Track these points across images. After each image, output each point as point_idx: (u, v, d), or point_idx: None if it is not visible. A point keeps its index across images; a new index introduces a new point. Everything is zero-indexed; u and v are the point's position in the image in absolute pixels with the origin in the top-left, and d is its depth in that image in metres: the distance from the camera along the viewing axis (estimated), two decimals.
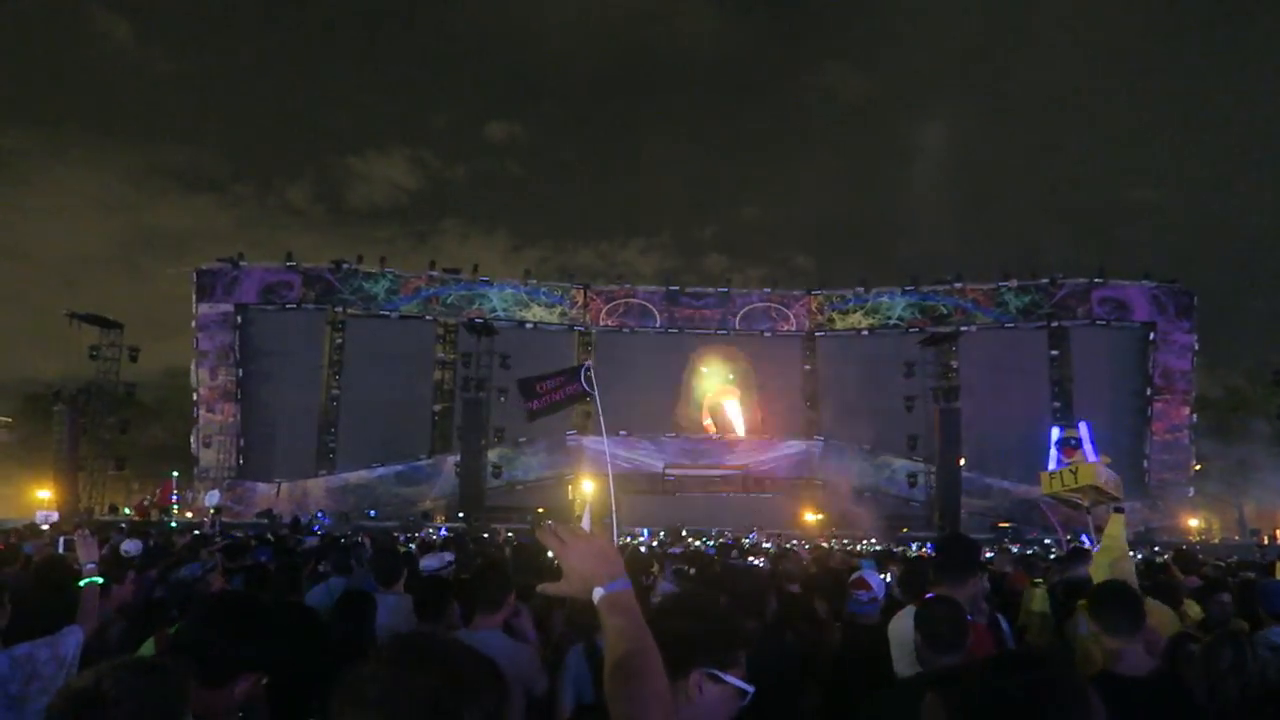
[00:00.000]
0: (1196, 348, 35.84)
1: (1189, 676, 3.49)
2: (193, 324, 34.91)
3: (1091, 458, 8.94)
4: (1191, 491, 34.16)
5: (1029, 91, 75.82)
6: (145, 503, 30.72)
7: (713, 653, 1.86)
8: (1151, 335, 35.92)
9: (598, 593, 1.69)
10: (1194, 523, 33.29)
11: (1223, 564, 11.84)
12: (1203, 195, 69.63)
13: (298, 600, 5.42)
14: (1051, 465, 9.11)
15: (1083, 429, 8.99)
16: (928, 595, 3.78)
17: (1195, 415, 35.80)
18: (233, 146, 79.36)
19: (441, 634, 3.97)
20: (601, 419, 14.51)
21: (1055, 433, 9.00)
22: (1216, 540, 31.70)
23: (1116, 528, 6.01)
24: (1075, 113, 75.27)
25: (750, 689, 1.85)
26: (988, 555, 12.68)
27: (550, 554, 1.80)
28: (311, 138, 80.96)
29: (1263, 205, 65.01)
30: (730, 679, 1.84)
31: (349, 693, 1.20)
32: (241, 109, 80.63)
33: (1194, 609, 5.77)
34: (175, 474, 31.20)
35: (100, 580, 3.96)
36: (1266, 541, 30.69)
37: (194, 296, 35.01)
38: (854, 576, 5.00)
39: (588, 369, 13.58)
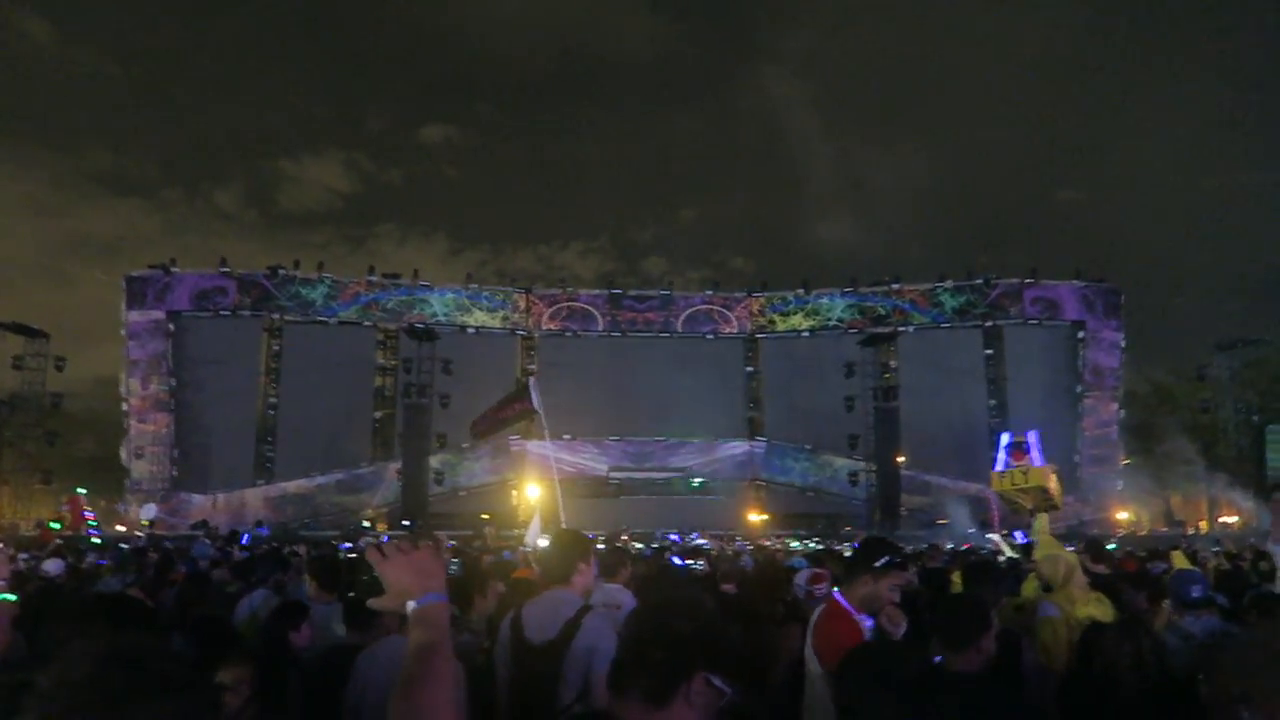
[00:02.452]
0: (1124, 345, 36.95)
1: (1096, 667, 3.62)
2: (122, 332, 33.97)
3: (1038, 463, 9.26)
4: (1120, 485, 35.17)
5: (961, 95, 77.51)
6: (46, 523, 28.46)
7: (713, 658, 1.87)
8: (1081, 333, 36.92)
9: (410, 605, 1.70)
10: (1123, 515, 34.28)
11: (1142, 554, 12.24)
12: (1128, 195, 71.85)
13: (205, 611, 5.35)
14: (999, 466, 9.42)
15: (1031, 437, 9.32)
16: (833, 591, 3.90)
17: (1123, 411, 36.91)
18: (160, 150, 77.39)
19: (361, 643, 3.95)
20: (545, 424, 14.54)
21: (1005, 437, 9.32)
22: (1144, 532, 32.70)
23: (1042, 523, 6.25)
24: (1005, 115, 77.11)
25: (730, 691, 1.87)
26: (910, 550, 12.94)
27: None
28: (241, 140, 79.29)
29: (1185, 205, 67.28)
30: (718, 683, 1.85)
31: (33, 685, 1.20)
32: (168, 111, 78.58)
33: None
34: (83, 491, 29.56)
35: (13, 598, 3.85)
36: (1191, 532, 31.79)
37: (124, 303, 34.08)
38: (812, 572, 5.09)
39: (531, 382, 13.63)
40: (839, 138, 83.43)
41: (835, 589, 3.90)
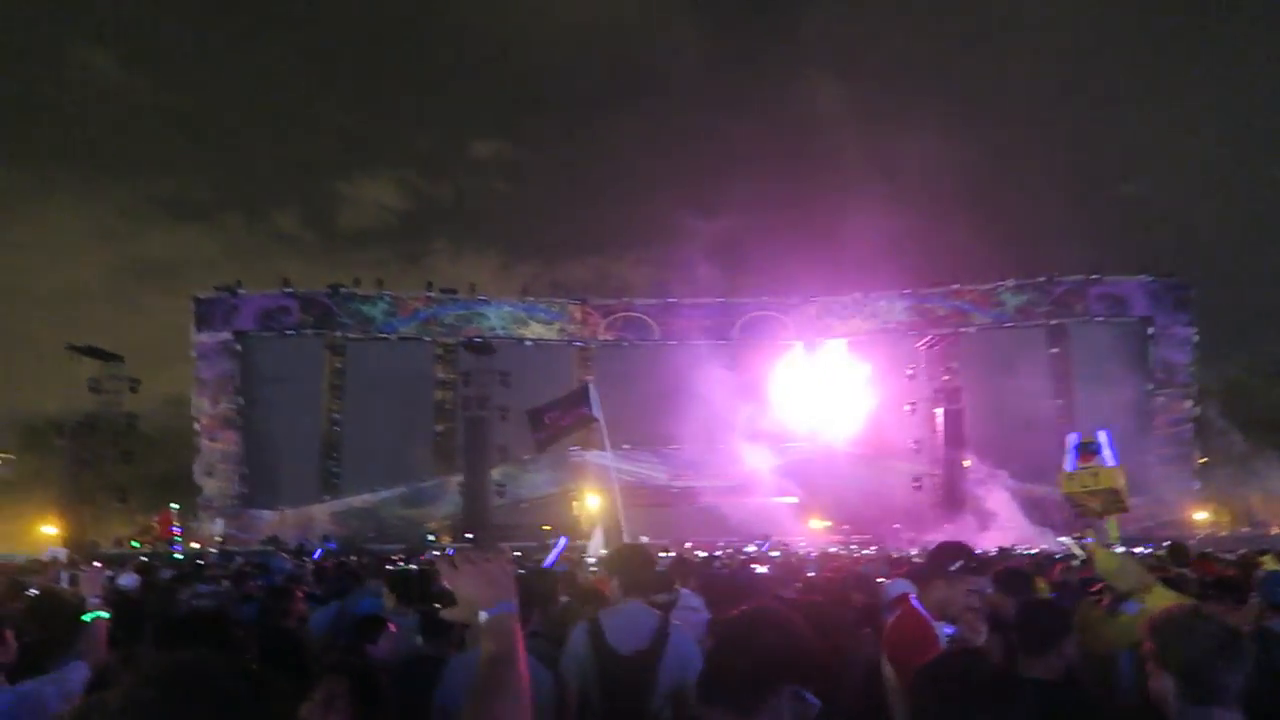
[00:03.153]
0: (1195, 340, 35.84)
1: None
2: (192, 353, 34.95)
3: (1111, 463, 8.98)
4: (1197, 485, 34.08)
5: (1019, 87, 76.04)
6: (147, 535, 30.27)
7: (801, 670, 1.86)
8: (1150, 330, 35.93)
9: (482, 616, 1.71)
10: (1200, 516, 33.19)
11: (1233, 556, 11.82)
12: (1194, 187, 69.79)
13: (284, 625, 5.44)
14: (1069, 467, 9.15)
15: (1102, 437, 9.04)
16: (908, 596, 3.81)
17: (1197, 408, 35.77)
18: (218, 174, 79.56)
19: (439, 653, 3.97)
20: (605, 431, 14.55)
21: (1073, 438, 9.05)
22: (1225, 533, 31.61)
23: (1113, 527, 6.06)
24: (1066, 108, 75.53)
25: (817, 704, 1.85)
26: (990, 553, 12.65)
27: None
28: (296, 163, 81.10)
29: (1254, 195, 65.16)
30: (810, 697, 1.84)
31: (95, 704, 1.20)
32: (225, 137, 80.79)
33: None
34: (176, 506, 31.01)
35: (106, 615, 3.95)
36: (1275, 532, 30.64)
37: (193, 325, 35.06)
38: (901, 591, 4.96)
39: (590, 387, 13.66)
40: (889, 137, 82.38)
41: (911, 595, 3.81)
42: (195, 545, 30.84)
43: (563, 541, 3.16)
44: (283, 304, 36.05)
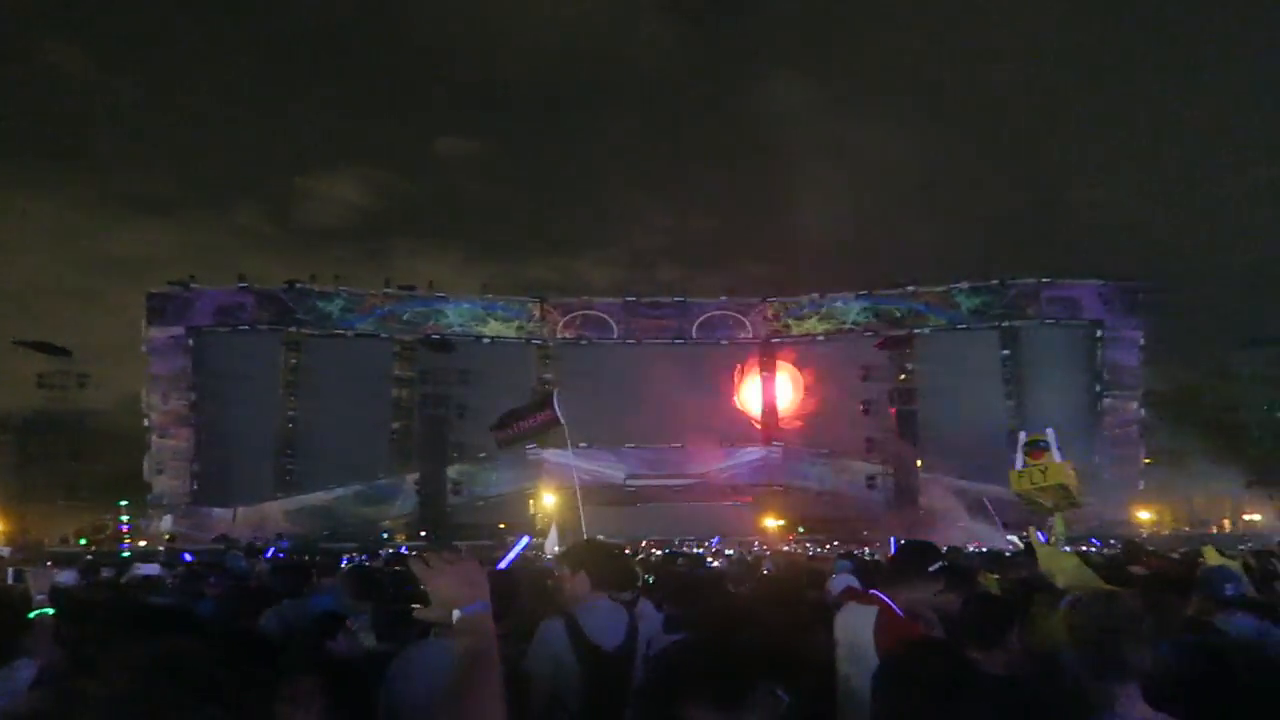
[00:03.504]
0: (1143, 343, 36.65)
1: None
2: (144, 348, 34.28)
3: (1058, 460, 9.15)
4: (1142, 484, 34.88)
5: (974, 93, 77.24)
6: (99, 534, 29.84)
7: (781, 668, 1.91)
8: (1100, 332, 36.67)
9: (456, 614, 1.74)
10: (1145, 515, 33.98)
11: (1174, 554, 12.14)
12: (1144, 193, 71.40)
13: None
14: (1018, 465, 9.29)
15: (1050, 434, 9.19)
16: (873, 592, 3.87)
17: (1144, 410, 36.59)
18: (178, 168, 77.93)
19: (392, 651, 3.97)
20: (567, 435, 14.54)
21: (1022, 436, 9.19)
22: (1167, 531, 32.40)
23: (1060, 525, 6.26)
24: (1020, 114, 76.77)
25: (786, 698, 1.89)
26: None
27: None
28: (258, 158, 79.79)
29: (1203, 202, 66.83)
30: (780, 693, 1.88)
31: (90, 694, 1.22)
32: (186, 130, 79.29)
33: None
34: (123, 503, 30.39)
35: (51, 611, 3.91)
36: (1215, 531, 31.48)
37: (145, 320, 34.40)
38: (845, 585, 5.01)
39: (555, 394, 13.66)
40: (850, 139, 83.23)
41: (875, 590, 3.88)
42: (143, 544, 30.30)
43: (523, 541, 3.15)
44: (239, 300, 35.50)
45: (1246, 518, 33.42)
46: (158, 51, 78.62)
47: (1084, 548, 19.60)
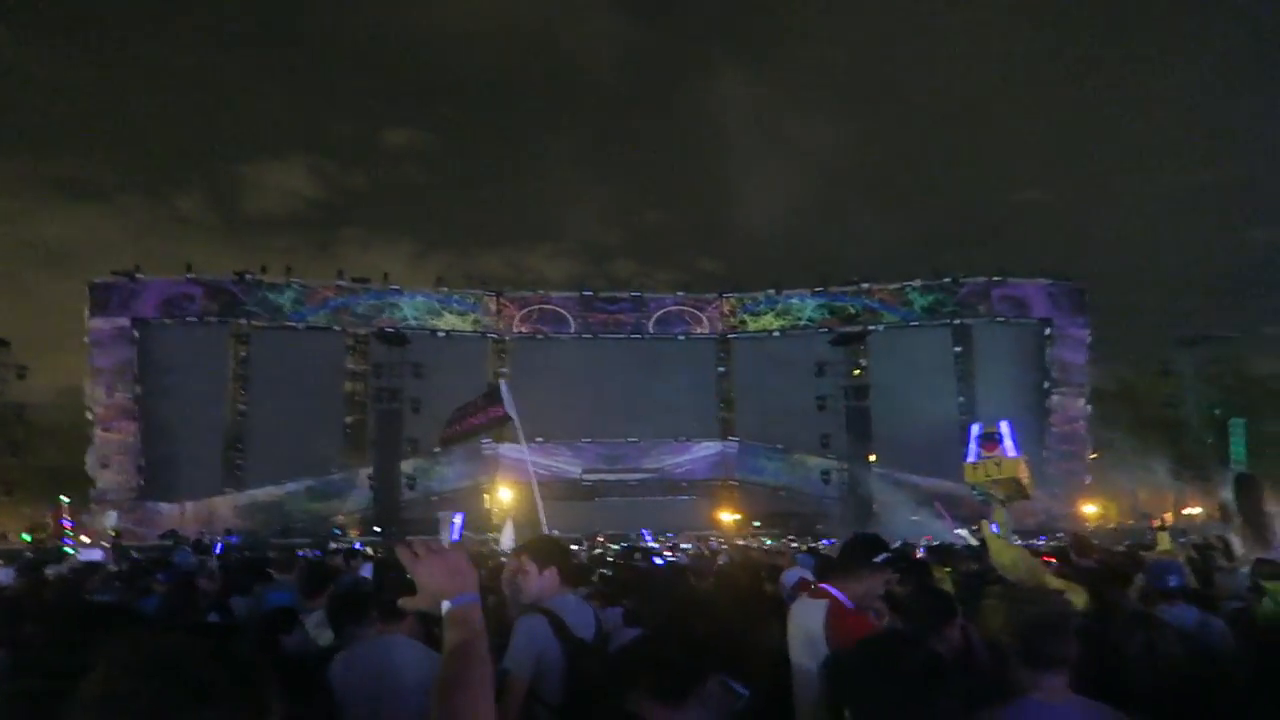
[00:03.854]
0: (1090, 342, 37.46)
1: (1089, 657, 3.65)
2: (86, 339, 33.43)
3: (1012, 454, 9.30)
4: (1089, 479, 35.67)
5: (920, 94, 78.29)
6: (44, 531, 28.92)
7: (731, 660, 1.89)
8: (1048, 331, 37.39)
9: (445, 606, 1.72)
10: (1091, 509, 34.73)
11: (1122, 548, 12.44)
12: (1089, 194, 73.01)
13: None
14: (971, 458, 9.41)
15: (1004, 427, 9.31)
16: (824, 586, 3.91)
17: (1090, 406, 37.41)
18: (117, 153, 75.93)
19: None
20: (519, 428, 14.48)
21: (975, 428, 9.30)
22: (1112, 525, 33.16)
23: (1000, 516, 6.39)
24: (966, 116, 77.93)
25: (745, 693, 1.88)
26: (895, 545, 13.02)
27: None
28: (201, 144, 78.18)
29: (1145, 203, 68.47)
30: (737, 687, 1.86)
31: (81, 694, 1.17)
32: (125, 114, 77.24)
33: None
34: (66, 499, 29.55)
35: None
36: (1158, 525, 32.25)
37: (87, 311, 33.54)
38: (799, 577, 5.04)
39: (503, 385, 13.50)
40: (803, 138, 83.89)
41: (826, 584, 3.91)
42: (85, 540, 29.57)
43: (459, 517, 3.07)
44: (186, 291, 34.76)
45: (1186, 511, 34.30)
46: (92, 31, 76.64)
47: (1033, 541, 19.99)
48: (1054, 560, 8.56)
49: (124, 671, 1.17)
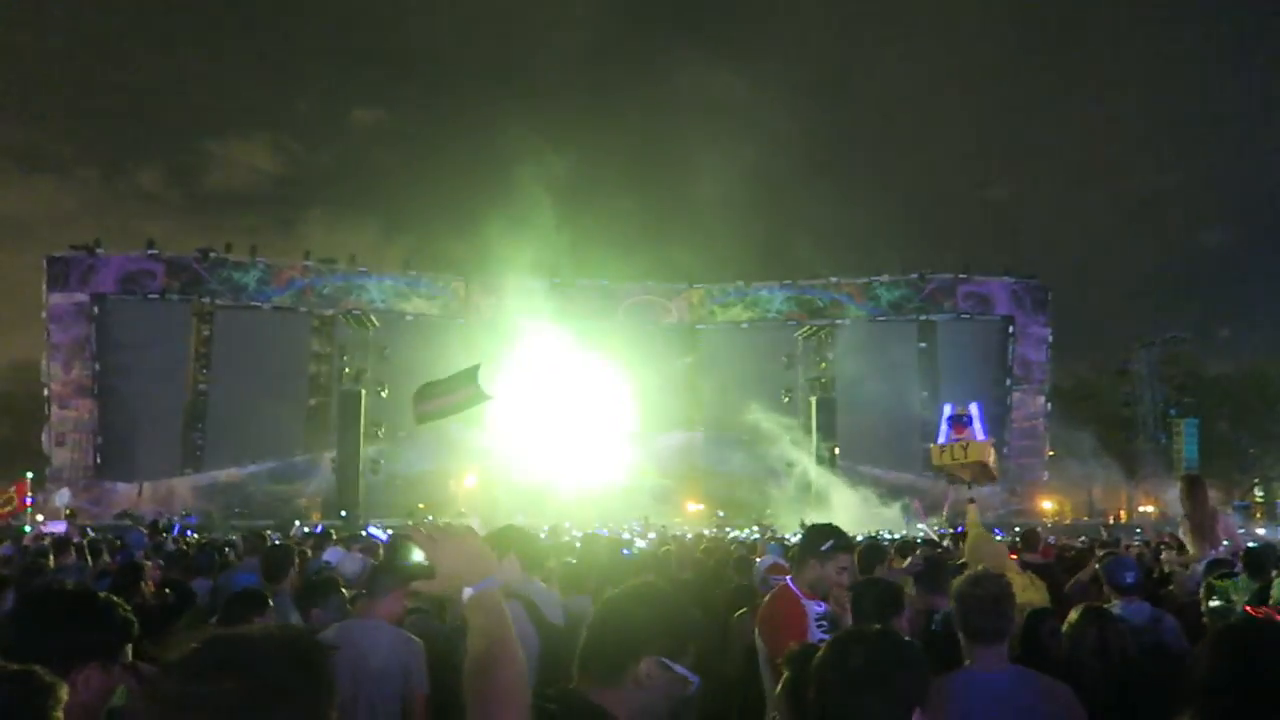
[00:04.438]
0: (1050, 340, 38.05)
1: (1049, 652, 3.74)
2: (43, 315, 32.76)
3: (980, 437, 9.37)
4: (1046, 476, 36.28)
5: (891, 90, 78.85)
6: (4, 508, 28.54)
7: (664, 642, 1.90)
8: (1010, 328, 37.92)
9: (467, 592, 1.73)
10: (1048, 505, 35.36)
11: (1082, 543, 12.70)
12: (1051, 194, 74.07)
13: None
14: (941, 439, 9.45)
15: (974, 409, 9.35)
16: (784, 577, 3.98)
17: (1049, 404, 38.03)
18: (74, 125, 74.27)
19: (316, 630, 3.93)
20: (494, 409, 14.34)
21: (947, 409, 9.32)
22: (1068, 521, 33.78)
23: (973, 515, 6.50)
24: (935, 115, 78.70)
25: (695, 679, 1.90)
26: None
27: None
28: (163, 118, 76.69)
29: (1104, 205, 69.64)
30: (678, 668, 1.88)
31: (150, 692, 1.18)
32: (85, 85, 75.54)
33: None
34: (29, 475, 29.14)
35: None
36: (1112, 521, 32.94)
37: (45, 286, 32.86)
38: (771, 562, 5.11)
39: (481, 365, 13.41)
40: (771, 128, 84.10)
41: (788, 577, 3.98)
42: (40, 518, 29.07)
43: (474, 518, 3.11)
44: (147, 267, 34.12)
45: (1141, 509, 35.04)
46: (52, 2, 74.73)
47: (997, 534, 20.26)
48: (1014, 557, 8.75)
49: (202, 670, 1.16)
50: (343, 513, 29.07)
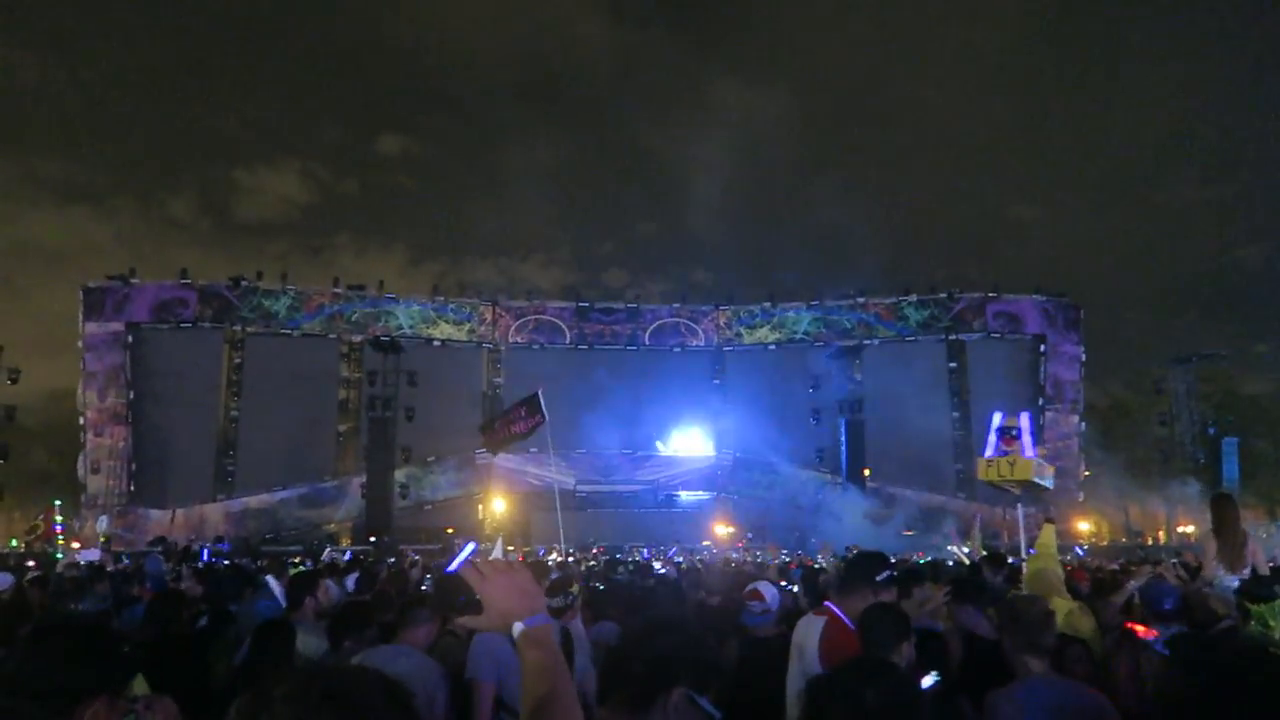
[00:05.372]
0: (1084, 359, 37.56)
1: (1074, 677, 3.65)
2: (79, 344, 33.32)
3: (1029, 451, 9.06)
4: (1081, 497, 35.68)
5: (915, 110, 78.66)
6: (32, 535, 29.04)
7: (694, 674, 1.87)
8: (1042, 347, 37.49)
9: (517, 627, 1.70)
10: (1084, 526, 34.75)
11: (1116, 567, 12.43)
12: (1080, 212, 73.36)
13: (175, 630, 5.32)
14: (989, 452, 9.11)
15: (1024, 420, 9.03)
16: (826, 604, 3.88)
17: (1084, 424, 37.46)
18: (109, 157, 75.78)
19: (344, 659, 3.92)
20: (549, 437, 14.43)
21: (997, 418, 8.96)
22: (1104, 543, 33.18)
23: (1047, 536, 6.29)
24: (962, 134, 78.32)
25: (719, 715, 1.86)
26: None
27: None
28: (194, 149, 78.12)
29: (1137, 221, 68.87)
30: (704, 704, 1.84)
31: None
32: (117, 118, 77.15)
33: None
34: (57, 502, 29.52)
35: None
36: (1150, 542, 32.31)
37: (80, 315, 33.44)
38: (749, 588, 5.01)
39: (539, 395, 13.53)
40: (798, 149, 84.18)
41: (828, 602, 3.89)
42: (76, 545, 29.42)
43: (470, 547, 3.09)
44: (180, 295, 34.67)
45: (1180, 530, 34.33)
46: (85, 33, 76.58)
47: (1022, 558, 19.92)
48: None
49: (304, 699, 1.16)
50: (372, 538, 29.13)
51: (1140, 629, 4.12)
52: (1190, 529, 33.50)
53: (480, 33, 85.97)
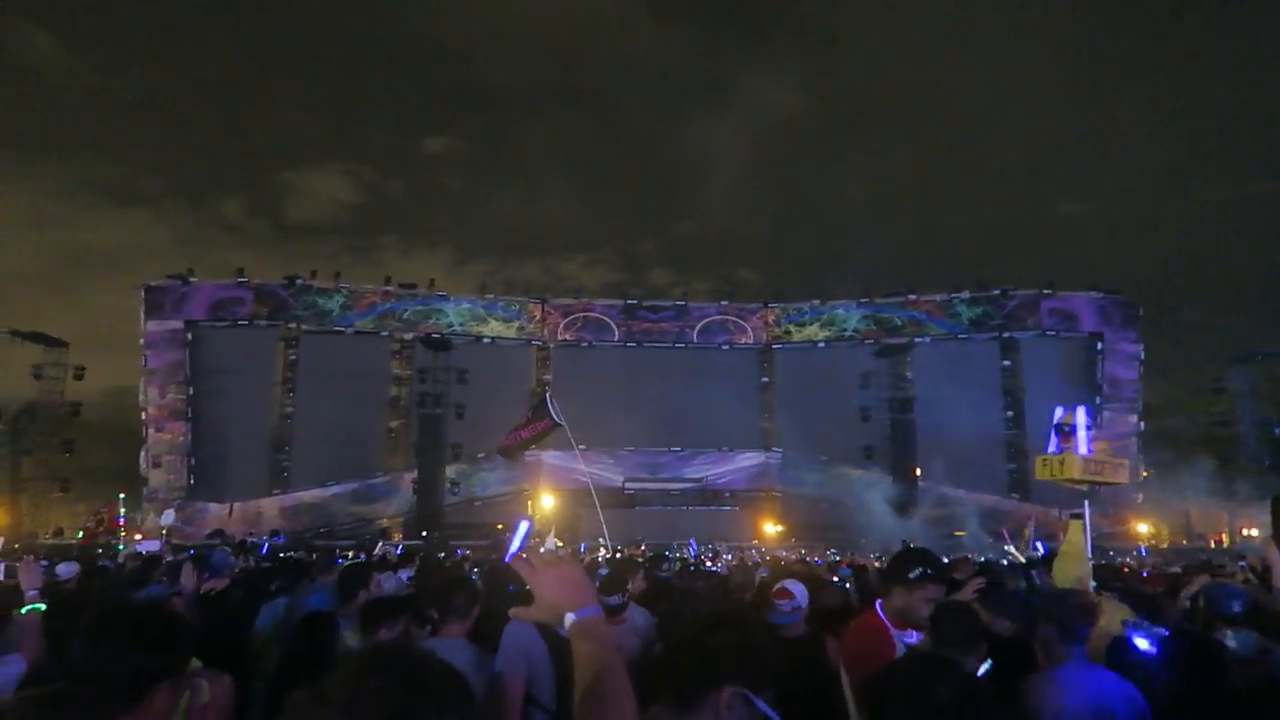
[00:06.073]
0: (1142, 357, 36.68)
1: (1134, 677, 3.56)
2: (140, 341, 34.21)
3: (1083, 450, 8.77)
4: (1140, 498, 34.85)
5: (965, 104, 77.23)
6: (93, 525, 29.93)
7: (749, 673, 1.86)
8: (1099, 345, 36.69)
9: (569, 618, 1.71)
10: (1143, 528, 33.93)
11: (1179, 570, 12.14)
12: (1136, 207, 71.45)
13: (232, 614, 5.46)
14: (1050, 448, 8.84)
15: (1081, 415, 8.73)
16: (876, 602, 3.83)
17: (1142, 423, 36.58)
18: (163, 160, 77.45)
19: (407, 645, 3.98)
20: (571, 436, 14.53)
21: (1059, 412, 8.68)
22: (1165, 545, 32.36)
23: (1075, 534, 6.06)
24: (1014, 127, 76.76)
25: (773, 716, 1.85)
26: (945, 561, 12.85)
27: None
28: (244, 152, 79.49)
29: (1194, 216, 66.98)
30: (760, 704, 1.83)
31: (317, 695, 1.19)
32: (170, 122, 78.92)
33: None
34: (122, 496, 30.40)
35: (42, 607, 3.85)
36: (1212, 545, 31.45)
37: (142, 313, 34.33)
38: (777, 586, 4.92)
39: (549, 397, 13.60)
40: (844, 146, 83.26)
41: (878, 601, 3.85)
42: (138, 537, 30.21)
43: (524, 526, 3.09)
44: (236, 294, 35.43)
45: (1245, 532, 33.37)
46: (139, 39, 78.34)
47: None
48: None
49: (372, 670, 1.21)
50: (423, 533, 29.48)
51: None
52: (1254, 531, 32.55)
53: (522, 34, 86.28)
